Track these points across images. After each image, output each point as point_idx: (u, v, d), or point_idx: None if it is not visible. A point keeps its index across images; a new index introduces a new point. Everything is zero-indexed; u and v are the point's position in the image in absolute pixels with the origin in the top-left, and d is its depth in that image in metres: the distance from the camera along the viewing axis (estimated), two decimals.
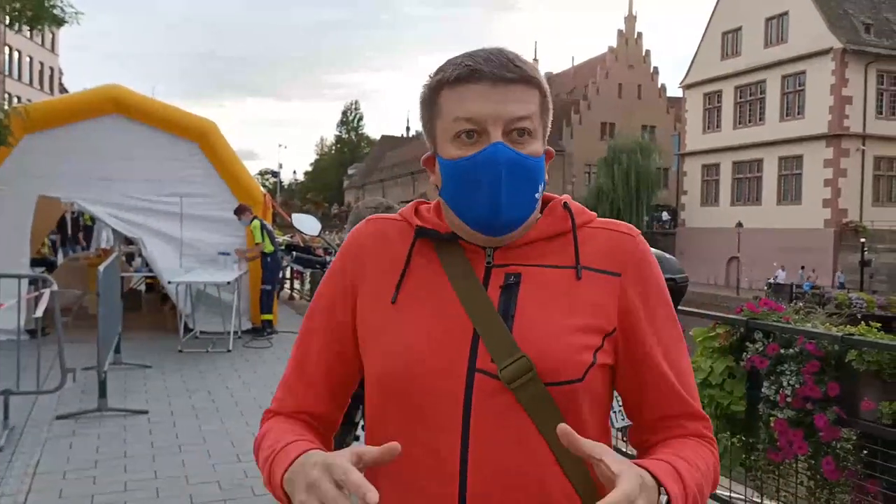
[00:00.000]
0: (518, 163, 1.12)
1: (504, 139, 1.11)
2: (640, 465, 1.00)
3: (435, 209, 1.25)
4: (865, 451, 3.38)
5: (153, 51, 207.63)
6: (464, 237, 1.19)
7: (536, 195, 1.17)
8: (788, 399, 3.55)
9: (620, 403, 1.27)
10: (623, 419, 3.10)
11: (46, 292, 6.09)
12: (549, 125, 1.21)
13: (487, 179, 1.11)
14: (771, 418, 3.70)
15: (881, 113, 33.99)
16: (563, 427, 0.96)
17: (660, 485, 1.00)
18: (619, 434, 3.46)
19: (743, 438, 3.97)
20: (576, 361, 1.11)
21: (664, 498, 1.00)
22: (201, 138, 10.02)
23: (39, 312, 5.94)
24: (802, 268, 31.94)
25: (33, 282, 7.01)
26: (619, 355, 1.17)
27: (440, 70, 1.17)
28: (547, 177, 1.19)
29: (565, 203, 1.23)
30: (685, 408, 1.18)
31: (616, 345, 1.16)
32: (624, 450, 3.67)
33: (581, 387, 1.11)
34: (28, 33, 10.49)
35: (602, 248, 1.19)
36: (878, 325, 3.62)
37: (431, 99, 1.18)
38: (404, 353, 1.13)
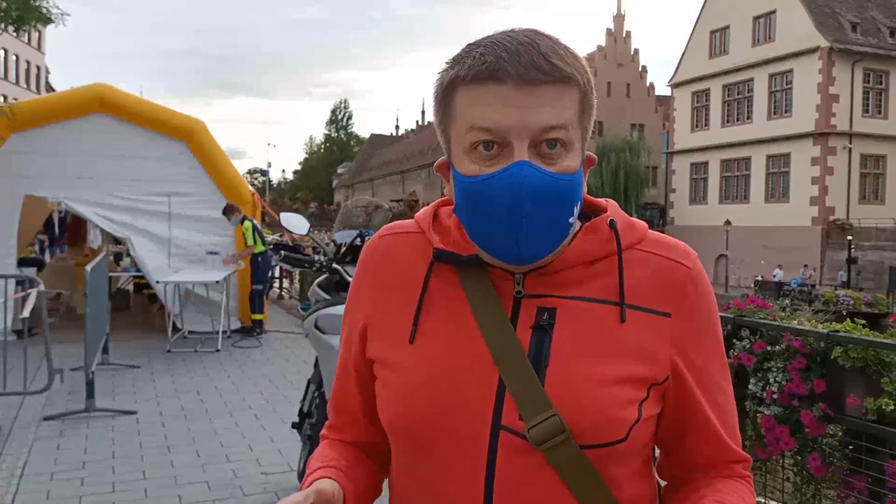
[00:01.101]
0: (546, 187, 0.92)
1: (531, 153, 0.92)
2: None
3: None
4: (851, 447, 3.40)
5: (140, 49, 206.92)
6: (486, 260, 1.01)
7: (570, 219, 0.97)
8: (775, 396, 3.57)
9: None
10: None
11: (33, 292, 6.05)
12: (592, 125, 1.00)
13: (506, 208, 0.92)
14: (758, 415, 3.72)
15: (867, 111, 34.23)
16: None
17: None
18: None
19: None
20: (618, 421, 0.95)
21: None
22: (189, 137, 9.98)
23: (26, 313, 5.91)
24: (805, 266, 31.95)
25: (20, 282, 6.98)
26: (666, 402, 1.03)
27: (457, 61, 0.96)
28: (585, 188, 1.02)
29: (611, 221, 1.02)
30: (728, 455, 1.06)
31: (665, 393, 1.01)
32: None
33: (623, 446, 0.96)
34: (14, 32, 10.35)
35: (651, 280, 1.01)
36: (864, 321, 3.65)
37: (445, 97, 0.98)
38: (421, 402, 0.99)
